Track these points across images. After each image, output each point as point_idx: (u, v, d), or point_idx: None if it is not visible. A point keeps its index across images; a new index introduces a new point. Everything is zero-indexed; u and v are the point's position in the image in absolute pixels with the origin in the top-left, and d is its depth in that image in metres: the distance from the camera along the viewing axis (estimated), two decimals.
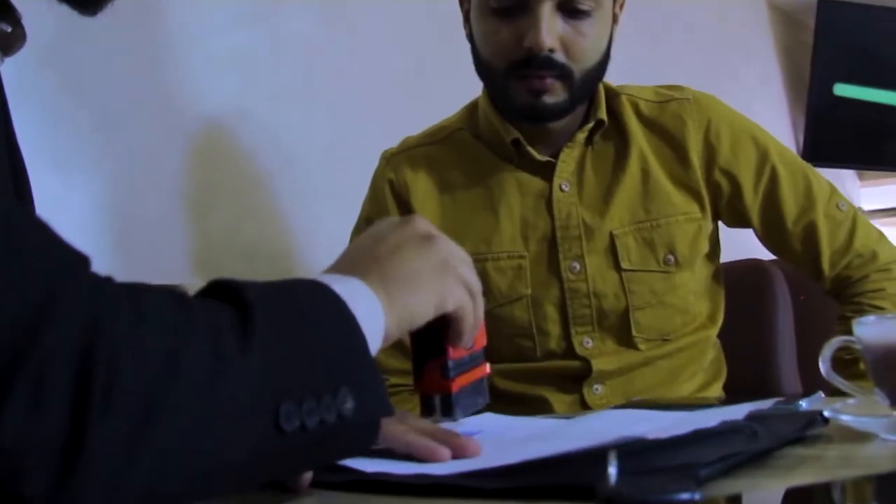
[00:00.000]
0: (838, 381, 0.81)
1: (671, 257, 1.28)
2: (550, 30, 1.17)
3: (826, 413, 0.77)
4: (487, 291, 1.28)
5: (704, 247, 1.31)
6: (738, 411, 0.80)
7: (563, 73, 1.21)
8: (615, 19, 1.29)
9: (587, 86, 1.26)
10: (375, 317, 0.64)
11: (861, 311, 1.28)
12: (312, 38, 1.83)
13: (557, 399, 1.30)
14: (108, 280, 0.49)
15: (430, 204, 1.33)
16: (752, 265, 1.68)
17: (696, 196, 1.30)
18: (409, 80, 1.98)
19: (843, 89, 3.50)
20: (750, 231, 1.36)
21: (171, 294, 0.52)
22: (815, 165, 3.63)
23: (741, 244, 1.51)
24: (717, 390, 1.39)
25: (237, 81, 1.68)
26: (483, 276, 1.27)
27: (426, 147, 1.38)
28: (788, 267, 1.69)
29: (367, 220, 1.37)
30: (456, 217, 1.31)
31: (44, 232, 0.48)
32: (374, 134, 1.87)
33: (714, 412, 0.83)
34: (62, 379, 0.43)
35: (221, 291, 0.56)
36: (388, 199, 1.35)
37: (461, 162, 1.35)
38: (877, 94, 3.54)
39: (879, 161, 3.68)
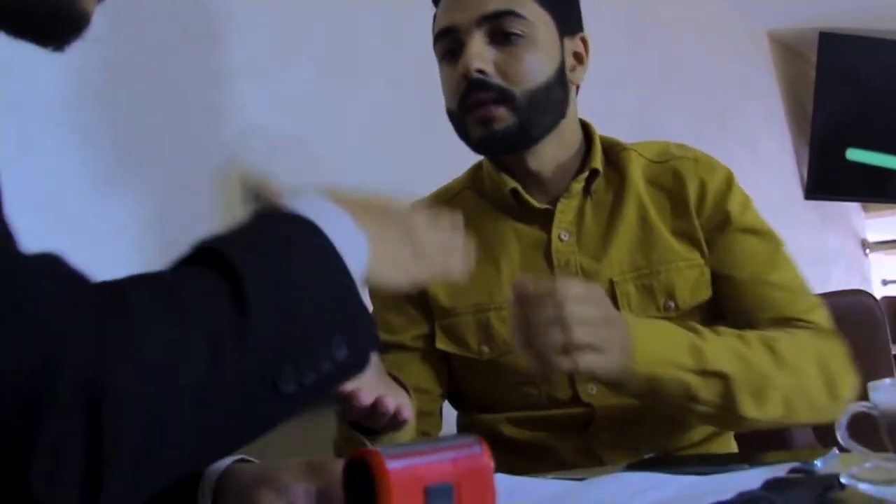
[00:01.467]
0: (858, 449, 0.80)
1: (671, 303, 1.27)
2: (478, 54, 1.22)
3: (843, 480, 0.76)
4: (492, 341, 1.29)
5: (707, 292, 1.30)
6: (753, 477, 0.79)
7: (503, 95, 1.23)
8: (579, 59, 1.32)
9: (538, 111, 1.25)
10: (359, 250, 0.66)
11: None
12: (313, 89, 1.83)
13: (564, 447, 1.29)
14: (98, 298, 0.51)
15: None
16: None
17: (696, 245, 1.30)
18: (412, 130, 1.98)
19: (855, 154, 3.51)
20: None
21: (158, 287, 0.54)
22: (819, 199, 3.68)
23: None
24: (728, 438, 1.37)
25: (241, 135, 1.68)
26: (487, 326, 1.29)
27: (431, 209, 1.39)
28: None
29: None
30: None
31: (41, 275, 0.50)
32: (377, 186, 1.88)
33: (729, 478, 0.82)
34: (75, 432, 0.46)
35: (207, 255, 0.57)
36: None
37: (465, 219, 1.35)
38: (888, 160, 3.55)
39: (884, 193, 3.68)
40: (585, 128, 1.37)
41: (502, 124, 1.24)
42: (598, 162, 1.32)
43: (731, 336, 1.17)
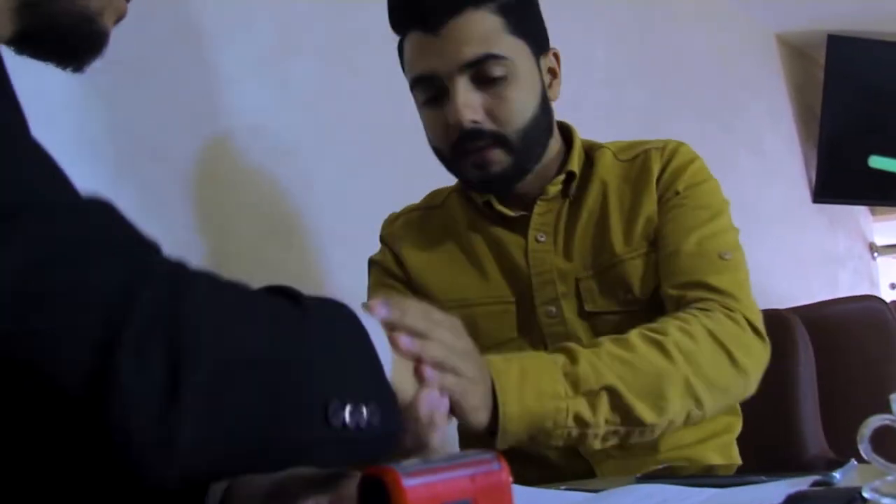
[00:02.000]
0: (880, 462, 0.78)
1: (629, 295, 1.28)
2: (468, 103, 1.21)
3: (866, 494, 0.75)
4: (477, 337, 1.28)
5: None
6: (775, 490, 0.77)
7: (497, 139, 1.23)
8: (554, 74, 1.32)
9: (531, 145, 1.27)
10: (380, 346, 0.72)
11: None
12: (315, 87, 1.82)
13: (553, 453, 1.28)
14: (179, 261, 0.58)
15: (418, 257, 1.39)
16: (771, 316, 1.63)
17: (653, 229, 1.29)
18: (417, 127, 1.97)
19: (878, 162, 3.48)
20: (768, 280, 1.33)
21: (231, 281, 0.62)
22: (827, 202, 3.65)
23: (759, 294, 1.47)
24: (729, 443, 1.37)
25: (246, 131, 1.67)
26: (472, 322, 1.25)
27: (422, 211, 1.45)
28: (810, 315, 1.66)
29: (371, 261, 1.45)
30: (442, 274, 1.36)
31: (122, 224, 0.57)
32: (382, 182, 1.87)
33: (750, 491, 0.80)
34: (157, 342, 0.50)
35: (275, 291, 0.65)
36: (385, 252, 1.42)
37: (450, 223, 1.40)
38: None
39: (892, 197, 3.66)
40: (566, 130, 1.38)
41: (499, 167, 1.25)
42: (575, 165, 1.33)
43: (610, 343, 1.10)
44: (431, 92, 1.25)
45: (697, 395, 1.10)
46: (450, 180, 1.44)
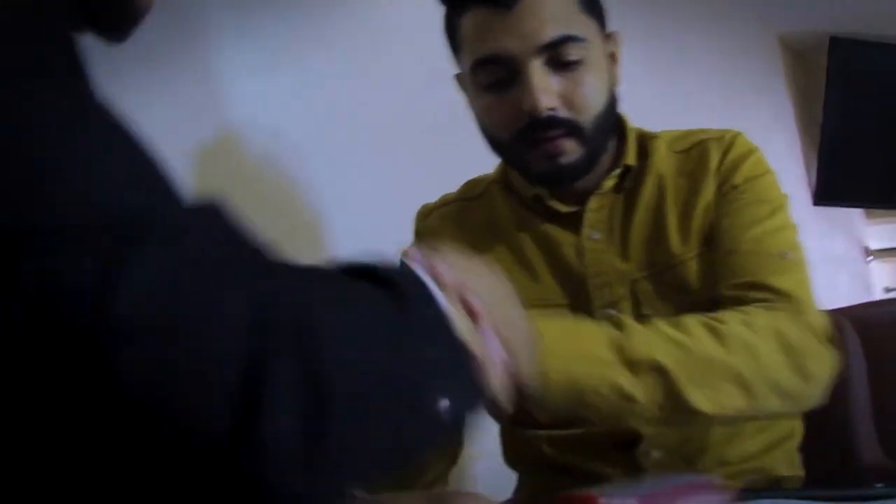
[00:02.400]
0: None
1: (688, 298, 1.22)
2: (545, 89, 1.13)
3: None
4: None
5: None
6: None
7: (571, 129, 1.17)
8: (614, 59, 1.26)
9: (601, 135, 1.22)
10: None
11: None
12: (340, 83, 1.78)
13: (614, 472, 1.22)
14: (296, 267, 0.56)
15: None
16: None
17: (708, 228, 1.23)
18: (441, 125, 1.92)
19: None
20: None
21: (335, 273, 0.61)
22: (825, 205, 3.62)
23: None
24: (793, 450, 1.32)
25: (266, 129, 1.62)
26: None
27: (460, 203, 1.38)
28: (860, 317, 1.62)
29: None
30: None
31: (239, 235, 0.53)
32: (397, 180, 1.82)
33: None
34: (296, 381, 0.47)
35: (371, 273, 0.62)
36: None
37: (493, 218, 1.33)
38: None
39: (888, 200, 3.65)
40: (618, 120, 1.31)
41: (570, 157, 1.17)
42: (631, 157, 1.27)
43: (664, 324, 1.04)
44: (498, 74, 1.16)
45: (756, 393, 1.02)
46: (461, 179, 1.39)
